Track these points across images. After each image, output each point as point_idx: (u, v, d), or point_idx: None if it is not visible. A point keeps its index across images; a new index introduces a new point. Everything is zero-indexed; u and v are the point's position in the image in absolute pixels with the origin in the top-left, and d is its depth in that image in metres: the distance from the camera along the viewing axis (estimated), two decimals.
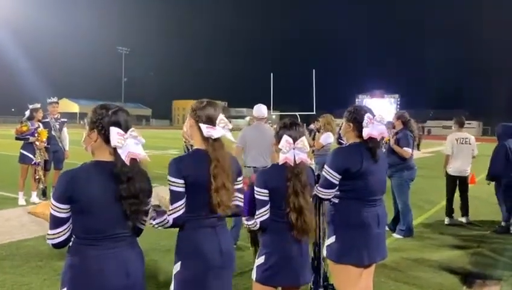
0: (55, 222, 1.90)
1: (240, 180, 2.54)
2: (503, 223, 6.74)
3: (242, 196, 2.55)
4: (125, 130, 1.94)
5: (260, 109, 5.47)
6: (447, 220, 7.14)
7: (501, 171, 6.70)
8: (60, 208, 1.87)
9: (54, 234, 1.91)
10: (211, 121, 2.37)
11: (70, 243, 1.95)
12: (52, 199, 1.90)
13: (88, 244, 1.90)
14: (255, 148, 5.21)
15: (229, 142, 2.55)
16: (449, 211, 7.24)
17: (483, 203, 8.33)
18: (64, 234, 1.91)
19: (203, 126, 2.35)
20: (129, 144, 1.91)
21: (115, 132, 1.90)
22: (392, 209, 6.37)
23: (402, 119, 6.38)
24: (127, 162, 1.88)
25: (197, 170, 2.31)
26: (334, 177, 2.84)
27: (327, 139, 7.29)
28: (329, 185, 2.86)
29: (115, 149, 1.90)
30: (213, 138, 2.35)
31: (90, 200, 1.87)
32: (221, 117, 2.40)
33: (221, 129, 2.37)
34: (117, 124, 1.93)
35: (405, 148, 6.12)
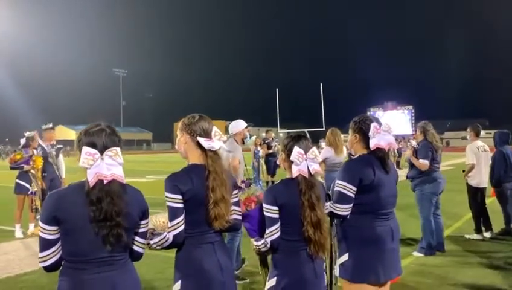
0: (44, 244, 1.95)
1: (236, 194, 2.60)
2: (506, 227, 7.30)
3: (239, 209, 2.60)
4: (102, 150, 1.97)
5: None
6: (476, 236, 7.11)
7: (503, 176, 7.32)
8: (47, 230, 1.92)
9: (43, 257, 1.96)
10: (207, 134, 2.46)
11: (61, 266, 1.99)
12: (40, 221, 1.96)
13: (75, 268, 1.94)
14: None
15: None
16: (478, 228, 7.23)
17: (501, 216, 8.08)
18: (53, 257, 1.96)
19: (201, 139, 2.43)
20: (100, 164, 1.93)
21: (83, 152, 1.94)
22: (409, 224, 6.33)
23: (421, 130, 6.45)
24: (91, 184, 1.90)
25: (195, 184, 2.36)
26: (350, 190, 2.84)
27: (325, 153, 7.40)
28: (345, 199, 2.85)
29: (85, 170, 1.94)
30: (213, 150, 2.44)
31: (72, 222, 1.91)
32: (215, 129, 2.50)
33: (217, 141, 2.46)
34: (91, 145, 1.96)
35: (421, 160, 6.15)
